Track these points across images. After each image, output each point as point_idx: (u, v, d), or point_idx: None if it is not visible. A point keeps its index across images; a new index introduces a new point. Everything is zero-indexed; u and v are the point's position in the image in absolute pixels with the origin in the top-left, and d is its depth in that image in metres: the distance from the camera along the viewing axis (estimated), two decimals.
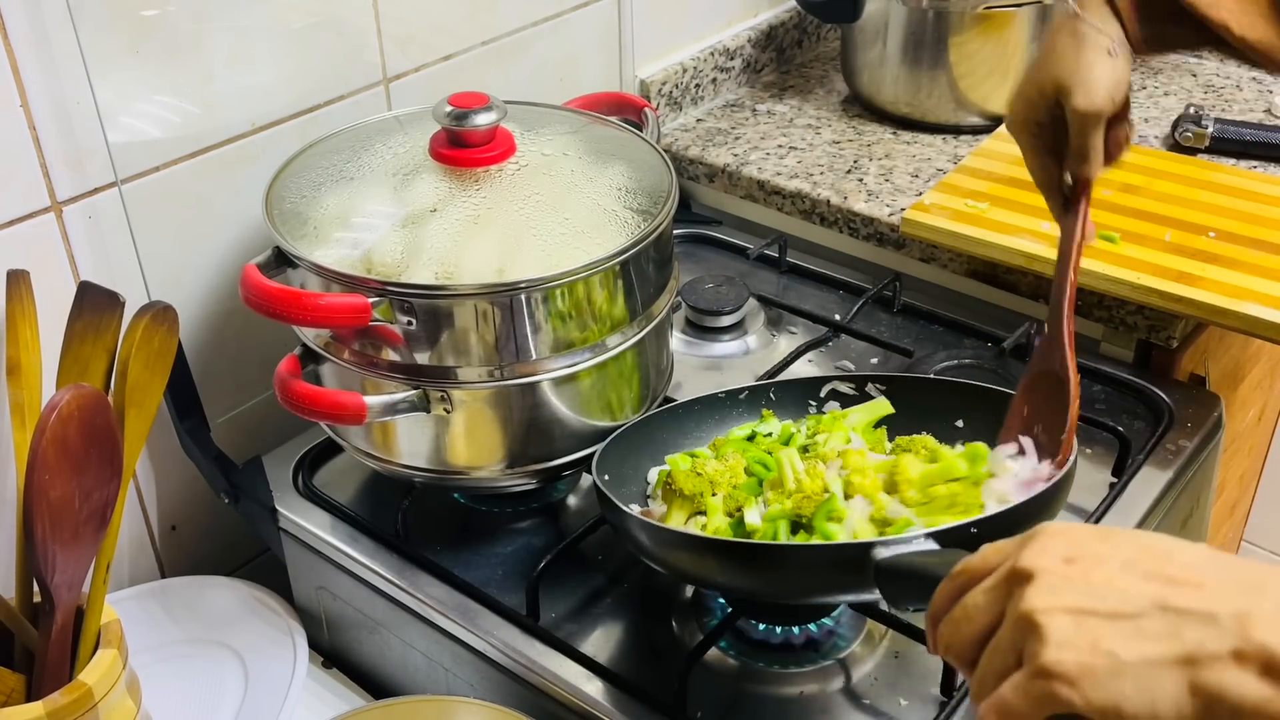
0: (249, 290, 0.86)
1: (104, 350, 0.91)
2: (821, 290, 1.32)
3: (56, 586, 0.81)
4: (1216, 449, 1.12)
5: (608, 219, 0.94)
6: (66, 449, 0.77)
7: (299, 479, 1.07)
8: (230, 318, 1.10)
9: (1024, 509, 0.76)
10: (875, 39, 1.46)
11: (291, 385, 0.89)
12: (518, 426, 0.94)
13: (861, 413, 0.95)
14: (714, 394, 1.00)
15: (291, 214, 0.94)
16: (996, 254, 1.21)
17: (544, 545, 1.00)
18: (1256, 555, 1.68)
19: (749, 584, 0.81)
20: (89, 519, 0.81)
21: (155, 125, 1.00)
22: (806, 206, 1.36)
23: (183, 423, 1.07)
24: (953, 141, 1.45)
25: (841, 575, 0.76)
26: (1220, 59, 1.62)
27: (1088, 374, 1.15)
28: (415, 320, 0.88)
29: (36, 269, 0.93)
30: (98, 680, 0.82)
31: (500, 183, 0.95)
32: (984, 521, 0.74)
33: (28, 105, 0.91)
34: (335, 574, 1.02)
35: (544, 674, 0.89)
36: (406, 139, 1.01)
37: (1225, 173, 1.31)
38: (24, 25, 0.89)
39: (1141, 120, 1.48)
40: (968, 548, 0.65)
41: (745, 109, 1.56)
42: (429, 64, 1.19)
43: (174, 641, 1.05)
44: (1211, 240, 1.19)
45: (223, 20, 1.01)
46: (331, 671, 1.06)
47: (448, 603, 0.95)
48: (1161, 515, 1.03)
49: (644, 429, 0.97)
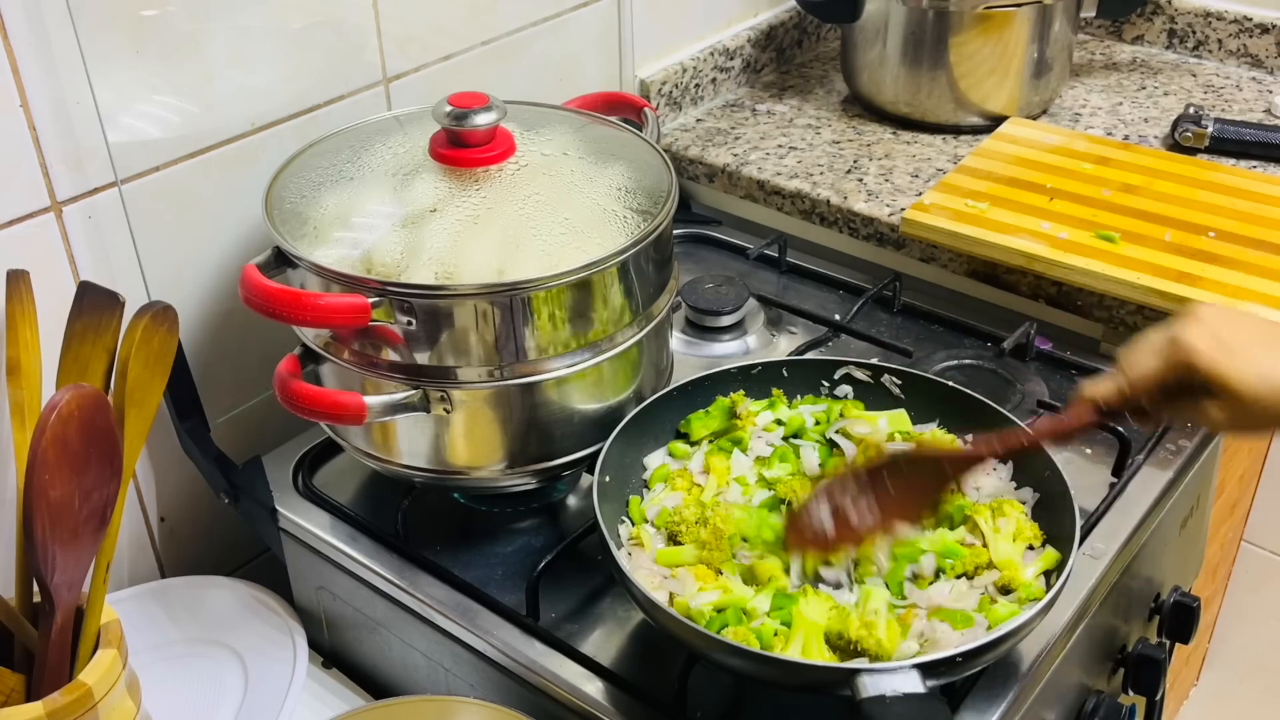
0: (249, 290, 0.86)
1: (104, 350, 0.91)
2: (821, 290, 1.32)
3: (56, 586, 0.81)
4: (1216, 449, 1.12)
5: (608, 219, 0.94)
6: (66, 449, 0.77)
7: (299, 479, 1.07)
8: (230, 318, 1.10)
9: (1004, 639, 0.78)
10: (875, 39, 1.46)
11: (291, 385, 0.89)
12: (517, 426, 0.94)
13: (886, 420, 0.97)
14: (726, 369, 1.01)
15: (291, 214, 0.94)
16: (996, 254, 1.21)
17: (544, 545, 1.00)
18: (1256, 555, 1.67)
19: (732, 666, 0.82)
20: (89, 519, 0.81)
21: (155, 125, 1.00)
22: (806, 206, 1.36)
23: (183, 423, 1.07)
24: (953, 141, 1.45)
25: (821, 689, 0.79)
26: (1220, 59, 1.63)
27: (1088, 374, 1.15)
28: (415, 320, 0.88)
29: (36, 269, 0.93)
30: (98, 680, 0.82)
31: (500, 183, 0.95)
32: (970, 652, 0.76)
33: (28, 105, 0.91)
34: (335, 574, 1.02)
35: (544, 674, 0.89)
36: (406, 139, 1.01)
37: (1225, 173, 1.31)
38: (24, 25, 0.89)
39: (1141, 120, 1.48)
40: (953, 675, 0.75)
41: (745, 109, 1.56)
42: (429, 64, 1.19)
43: (174, 641, 1.05)
44: (1211, 240, 1.19)
45: (223, 20, 1.01)
46: (331, 671, 1.06)
47: (448, 603, 0.95)
48: (1161, 515, 1.03)
49: (651, 411, 0.97)
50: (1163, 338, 0.78)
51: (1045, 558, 0.86)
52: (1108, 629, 1.01)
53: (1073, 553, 0.83)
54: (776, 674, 0.78)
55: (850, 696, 0.73)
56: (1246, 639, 1.73)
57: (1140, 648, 1.07)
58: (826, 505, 0.86)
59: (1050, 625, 0.88)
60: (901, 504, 0.86)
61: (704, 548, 0.87)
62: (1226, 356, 0.75)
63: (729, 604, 0.83)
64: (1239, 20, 1.59)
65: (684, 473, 0.95)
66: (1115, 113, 1.50)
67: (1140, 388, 0.79)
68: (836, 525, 0.86)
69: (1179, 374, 0.77)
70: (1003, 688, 0.85)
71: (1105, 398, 0.81)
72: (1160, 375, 0.78)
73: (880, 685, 0.73)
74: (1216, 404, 0.76)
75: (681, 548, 0.88)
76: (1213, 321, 0.77)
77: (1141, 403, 0.80)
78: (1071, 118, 1.50)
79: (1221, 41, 1.62)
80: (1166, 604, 1.12)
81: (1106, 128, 1.47)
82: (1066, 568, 0.82)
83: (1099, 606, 0.95)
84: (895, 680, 0.73)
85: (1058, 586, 0.80)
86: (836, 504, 0.86)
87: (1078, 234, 1.20)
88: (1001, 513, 0.88)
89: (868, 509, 0.86)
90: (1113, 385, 0.80)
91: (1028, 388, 1.12)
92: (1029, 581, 0.84)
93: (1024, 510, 0.90)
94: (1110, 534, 0.97)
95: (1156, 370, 0.78)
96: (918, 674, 0.73)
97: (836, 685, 0.75)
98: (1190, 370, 0.76)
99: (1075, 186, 1.28)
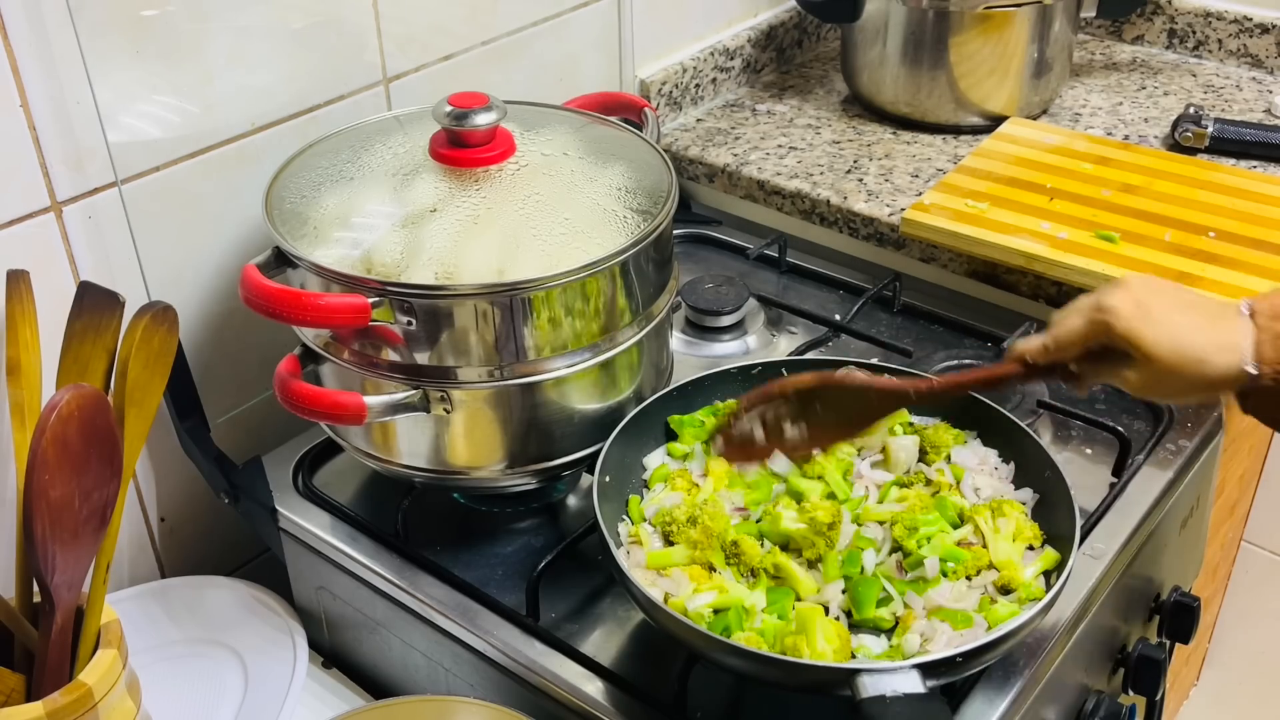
0: (249, 290, 0.86)
1: (104, 350, 0.91)
2: (821, 290, 1.32)
3: (56, 586, 0.81)
4: (1216, 449, 1.12)
5: (608, 219, 0.94)
6: (66, 449, 0.77)
7: (299, 479, 1.07)
8: (230, 318, 1.10)
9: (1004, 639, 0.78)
10: (875, 39, 1.46)
11: (291, 385, 0.89)
12: (517, 426, 0.94)
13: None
14: (726, 369, 1.01)
15: (291, 214, 0.94)
16: (996, 254, 1.21)
17: (544, 545, 1.00)
18: (1256, 555, 1.67)
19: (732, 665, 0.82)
20: (89, 519, 0.81)
21: (155, 125, 1.00)
22: (806, 206, 1.36)
23: (183, 423, 1.07)
24: (953, 141, 1.45)
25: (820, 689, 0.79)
26: (1220, 59, 1.63)
27: None
28: (415, 320, 0.88)
29: (36, 269, 0.93)
30: (98, 680, 0.82)
31: (500, 183, 0.95)
32: (970, 652, 0.76)
33: (28, 105, 0.91)
34: (335, 574, 1.02)
35: (544, 674, 0.89)
36: (406, 139, 1.01)
37: (1225, 173, 1.31)
38: (24, 25, 0.89)
39: (1141, 120, 1.48)
40: (953, 675, 0.76)
41: (745, 109, 1.56)
42: (429, 64, 1.19)
43: (174, 641, 1.05)
44: (1211, 240, 1.19)
45: (223, 20, 1.01)
46: (331, 671, 1.06)
47: (448, 603, 0.95)
48: (1161, 515, 1.03)
49: (651, 411, 0.98)
50: (1090, 300, 0.81)
51: (1045, 558, 0.86)
52: (1108, 629, 1.01)
53: (1073, 553, 0.83)
54: (777, 674, 0.78)
55: (850, 696, 0.74)
56: (1246, 639, 1.73)
57: (1140, 648, 1.07)
58: (758, 418, 0.90)
59: (1050, 625, 0.88)
60: (829, 427, 0.90)
61: (696, 547, 0.87)
62: (1143, 322, 0.78)
63: (728, 604, 0.83)
64: (1239, 20, 1.59)
65: (683, 473, 0.95)
66: (1115, 113, 1.50)
67: (1064, 345, 0.82)
68: (767, 435, 0.90)
69: (1099, 335, 0.80)
70: (1003, 688, 0.85)
71: (1032, 353, 0.84)
72: (1083, 335, 0.81)
73: (880, 685, 0.73)
74: (1133, 367, 0.79)
75: (672, 549, 0.88)
76: (1138, 288, 0.80)
77: (1066, 361, 0.83)
78: (1071, 118, 1.50)
79: (1221, 41, 1.62)
80: (1166, 604, 1.12)
81: (1106, 128, 1.47)
82: (1066, 568, 0.82)
83: (1099, 606, 0.95)
84: (895, 680, 0.73)
85: (1058, 586, 0.80)
86: (766, 417, 0.90)
87: (1078, 234, 1.20)
88: (1001, 513, 0.89)
89: (795, 426, 0.89)
90: (1040, 342, 0.83)
91: (1028, 388, 1.12)
92: (1029, 581, 0.84)
93: (1024, 510, 0.90)
94: (1110, 534, 0.97)
95: (1079, 330, 0.81)
96: (918, 674, 0.73)
97: (836, 685, 0.75)
98: (1109, 332, 0.79)
99: (1075, 186, 1.28)
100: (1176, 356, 0.77)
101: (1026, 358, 0.84)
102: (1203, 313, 0.79)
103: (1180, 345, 0.77)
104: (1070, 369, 0.84)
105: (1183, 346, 0.77)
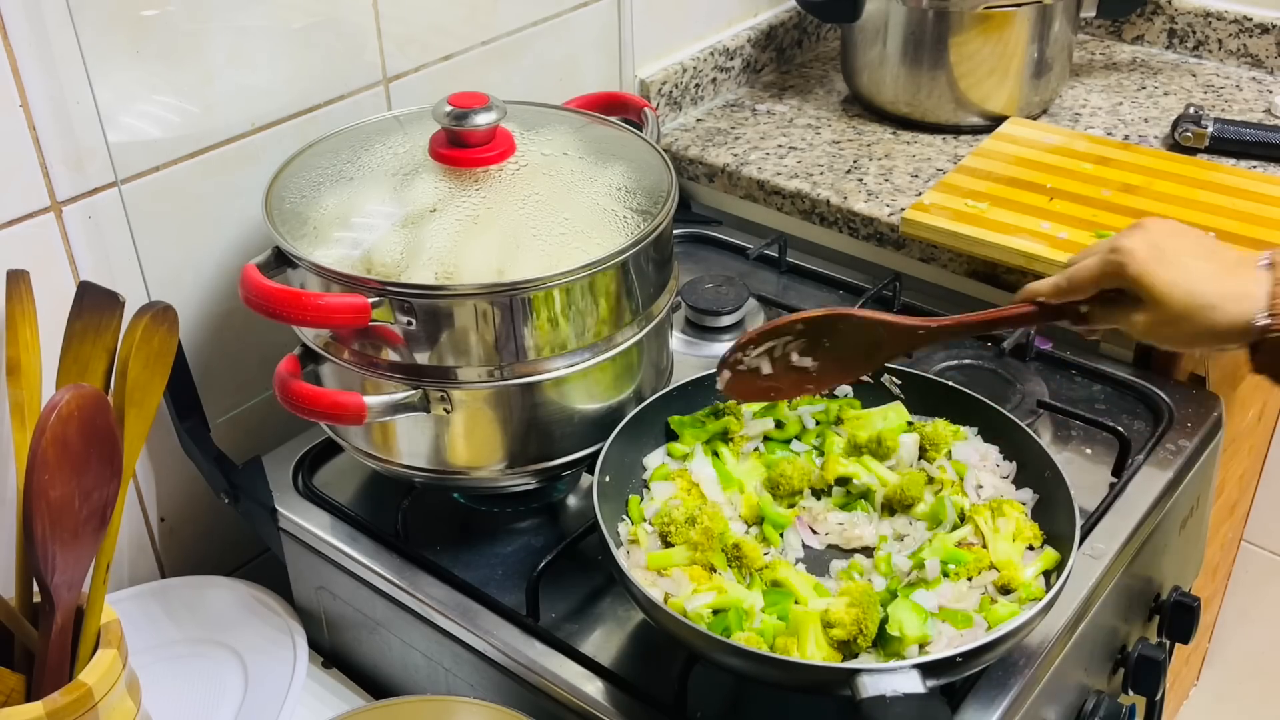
0: (249, 290, 0.86)
1: (104, 350, 0.91)
2: (821, 290, 1.32)
3: (56, 586, 0.81)
4: (1216, 449, 1.12)
5: (608, 219, 0.94)
6: (66, 449, 0.77)
7: (299, 479, 1.07)
8: (230, 318, 1.10)
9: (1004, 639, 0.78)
10: (875, 39, 1.46)
11: (291, 385, 0.89)
12: (517, 426, 0.94)
13: (885, 415, 0.97)
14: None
15: (291, 214, 0.94)
16: (996, 254, 1.21)
17: (544, 545, 1.00)
18: (1256, 555, 1.68)
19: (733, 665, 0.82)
20: (89, 519, 0.81)
21: (155, 125, 1.00)
22: (806, 206, 1.36)
23: (183, 423, 1.07)
24: (953, 141, 1.45)
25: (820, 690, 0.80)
26: (1220, 59, 1.63)
27: (1088, 374, 1.16)
28: (415, 320, 0.88)
29: (36, 269, 0.93)
30: (98, 680, 0.82)
31: (500, 183, 0.95)
32: (970, 652, 0.76)
33: (28, 105, 0.91)
34: (335, 574, 1.02)
35: (544, 674, 0.89)
36: (406, 139, 1.01)
37: (1225, 173, 1.31)
38: (24, 25, 0.89)
39: (1141, 120, 1.48)
40: (953, 675, 0.76)
41: (745, 109, 1.56)
42: (429, 64, 1.19)
43: (174, 641, 1.05)
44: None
45: (223, 20, 1.01)
46: (331, 671, 1.06)
47: (448, 603, 0.95)
48: (1161, 515, 1.03)
49: (651, 411, 0.97)
50: (1107, 242, 0.81)
51: (1045, 558, 0.86)
52: (1108, 629, 1.01)
53: (1073, 553, 0.83)
54: (777, 674, 0.78)
55: (850, 696, 0.74)
56: (1246, 639, 1.73)
57: (1140, 648, 1.07)
58: (765, 353, 0.90)
59: (1050, 625, 0.88)
60: (837, 363, 0.89)
61: (695, 548, 0.87)
62: (1157, 264, 0.77)
63: (727, 605, 0.83)
64: (1239, 20, 1.59)
65: (683, 473, 0.95)
66: (1115, 113, 1.50)
67: (1077, 285, 0.82)
68: (774, 367, 0.90)
69: (1113, 275, 0.80)
70: (1003, 688, 0.85)
71: (1045, 292, 0.84)
72: (1097, 276, 0.81)
73: (880, 685, 0.73)
74: (1141, 310, 0.79)
75: (671, 550, 0.87)
76: (1156, 231, 0.80)
77: (1077, 302, 0.83)
78: (1071, 118, 1.50)
79: (1221, 41, 1.62)
80: (1166, 604, 1.12)
81: (1106, 128, 1.47)
82: (1066, 568, 0.82)
83: (1099, 606, 0.95)
84: (895, 680, 0.73)
85: (1058, 586, 0.80)
86: (774, 352, 0.90)
87: (1078, 234, 1.20)
88: (1001, 513, 0.89)
89: (803, 358, 0.89)
90: (1053, 282, 0.83)
91: (1028, 388, 1.12)
92: (1029, 581, 0.84)
93: (1024, 510, 0.90)
94: (1110, 534, 0.97)
95: (1094, 270, 0.81)
96: (918, 674, 0.73)
97: (837, 685, 0.75)
98: (1122, 272, 0.78)
99: (1075, 186, 1.28)
100: (1186, 302, 0.76)
101: (1039, 297, 0.84)
102: (1220, 261, 0.79)
103: (1192, 291, 0.76)
104: (1080, 310, 0.83)
105: (1194, 293, 0.76)
